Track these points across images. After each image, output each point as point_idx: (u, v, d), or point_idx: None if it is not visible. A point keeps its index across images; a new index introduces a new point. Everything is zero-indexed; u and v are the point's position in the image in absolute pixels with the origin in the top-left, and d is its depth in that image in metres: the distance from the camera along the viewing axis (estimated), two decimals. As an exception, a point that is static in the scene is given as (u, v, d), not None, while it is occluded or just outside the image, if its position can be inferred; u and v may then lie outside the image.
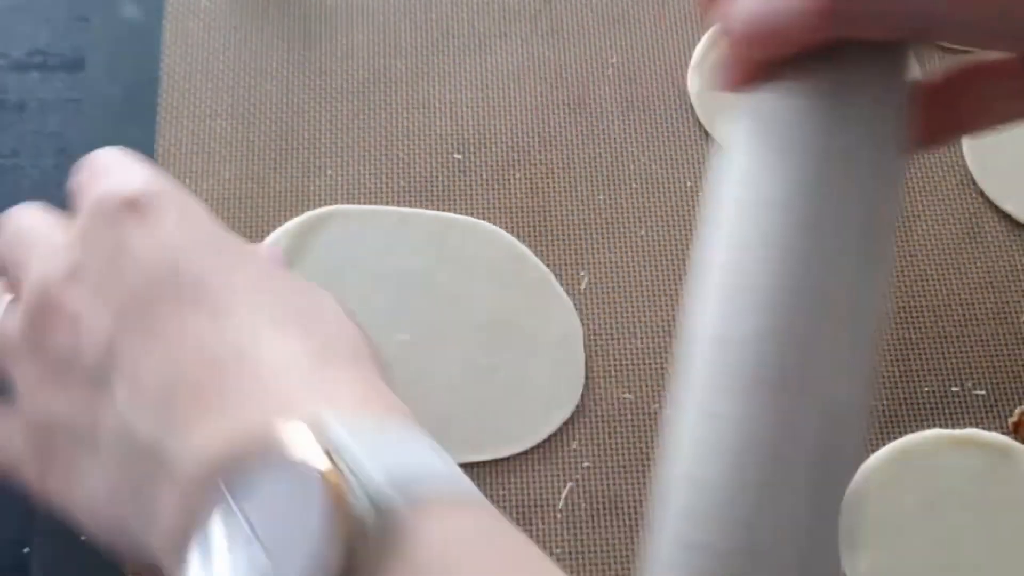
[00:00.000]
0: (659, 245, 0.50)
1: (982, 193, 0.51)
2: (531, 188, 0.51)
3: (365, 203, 0.50)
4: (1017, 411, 0.46)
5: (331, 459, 0.26)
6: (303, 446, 0.27)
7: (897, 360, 0.47)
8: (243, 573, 0.26)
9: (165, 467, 0.29)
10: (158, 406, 0.30)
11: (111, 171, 0.35)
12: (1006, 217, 0.51)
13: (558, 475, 0.45)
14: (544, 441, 0.45)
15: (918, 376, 0.47)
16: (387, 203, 0.50)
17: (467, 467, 0.45)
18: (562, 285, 0.48)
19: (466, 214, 0.50)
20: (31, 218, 0.37)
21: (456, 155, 0.51)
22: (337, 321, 0.34)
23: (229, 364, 0.30)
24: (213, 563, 0.27)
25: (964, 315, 0.48)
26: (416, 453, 0.29)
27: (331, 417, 0.28)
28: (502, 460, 0.45)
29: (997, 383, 0.47)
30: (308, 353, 0.31)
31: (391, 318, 0.47)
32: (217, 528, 0.27)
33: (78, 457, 0.32)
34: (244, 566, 0.26)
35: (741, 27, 0.32)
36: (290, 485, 0.27)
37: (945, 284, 0.49)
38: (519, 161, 0.51)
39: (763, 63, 0.32)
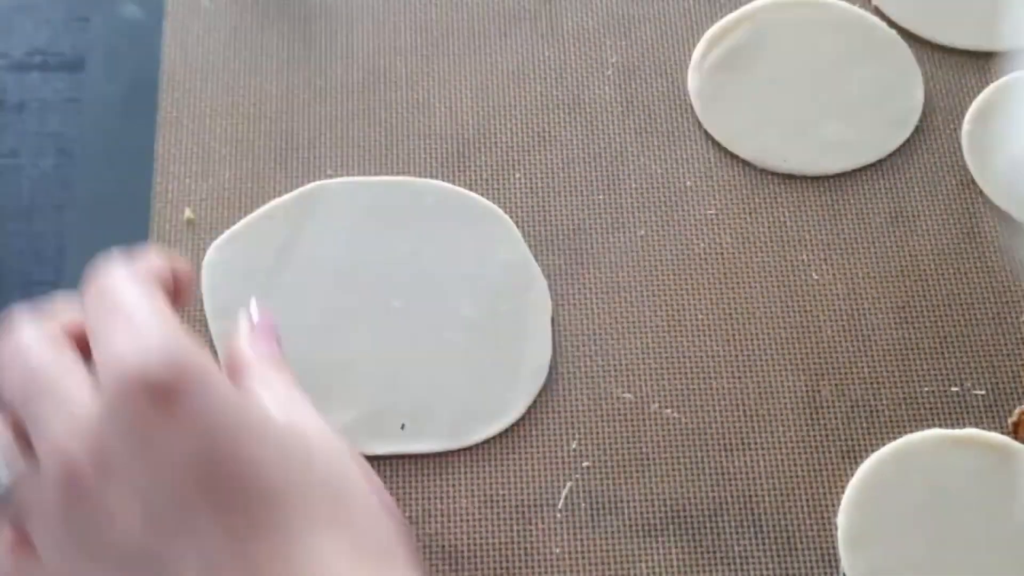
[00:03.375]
0: (659, 245, 0.50)
1: (982, 193, 0.51)
2: (531, 188, 0.51)
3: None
4: (1017, 411, 0.46)
5: None
6: None
7: (897, 360, 0.47)
8: None
9: None
10: None
11: (127, 323, 0.30)
12: (1006, 217, 0.51)
13: (558, 475, 0.45)
14: (542, 437, 0.45)
15: (918, 376, 0.47)
16: (387, 203, 0.50)
17: (463, 454, 0.45)
18: (562, 283, 0.48)
19: (466, 214, 0.50)
20: (42, 355, 0.31)
21: (456, 155, 0.51)
22: (367, 513, 0.32)
23: None
24: None
25: (964, 315, 0.48)
26: None
27: None
28: (502, 459, 0.45)
29: (997, 383, 0.47)
30: (343, 558, 0.30)
31: (383, 287, 0.48)
32: None
33: None
34: None
35: None
36: None
37: (945, 284, 0.49)
38: (519, 161, 0.51)
39: None
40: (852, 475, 0.45)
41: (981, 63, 0.54)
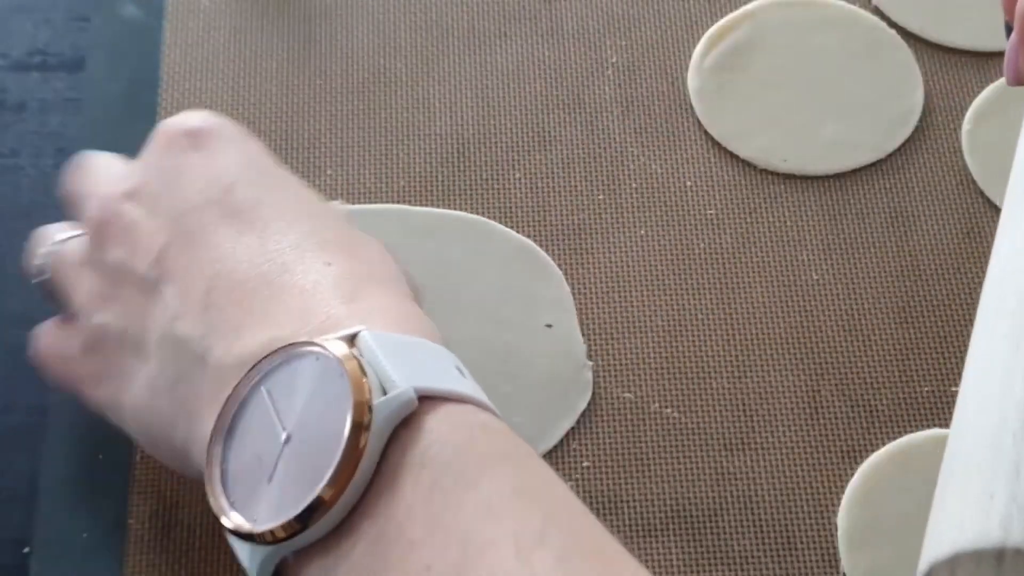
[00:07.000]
0: (659, 245, 0.50)
1: (982, 193, 0.51)
2: (531, 188, 0.51)
3: (365, 203, 0.50)
4: (1017, 411, 0.46)
5: (354, 357, 0.29)
6: (331, 345, 0.29)
7: (897, 360, 0.47)
8: (260, 445, 0.29)
9: (206, 362, 0.32)
10: (205, 309, 0.32)
11: (179, 115, 0.39)
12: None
13: (558, 475, 0.44)
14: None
15: (918, 376, 0.47)
16: (387, 203, 0.50)
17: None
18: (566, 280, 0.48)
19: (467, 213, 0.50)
20: (96, 156, 0.41)
21: (456, 155, 0.51)
22: (379, 252, 0.36)
23: (274, 278, 0.32)
24: (235, 437, 0.30)
25: (964, 315, 0.48)
26: (436, 366, 0.31)
27: (363, 330, 0.30)
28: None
29: (997, 383, 0.47)
30: (350, 275, 0.33)
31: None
32: (244, 408, 0.30)
33: (127, 362, 0.34)
34: (261, 439, 0.29)
35: None
36: (313, 372, 0.29)
37: (945, 284, 0.49)
38: (519, 161, 0.51)
39: None
40: (852, 475, 0.45)
41: (981, 63, 0.54)
